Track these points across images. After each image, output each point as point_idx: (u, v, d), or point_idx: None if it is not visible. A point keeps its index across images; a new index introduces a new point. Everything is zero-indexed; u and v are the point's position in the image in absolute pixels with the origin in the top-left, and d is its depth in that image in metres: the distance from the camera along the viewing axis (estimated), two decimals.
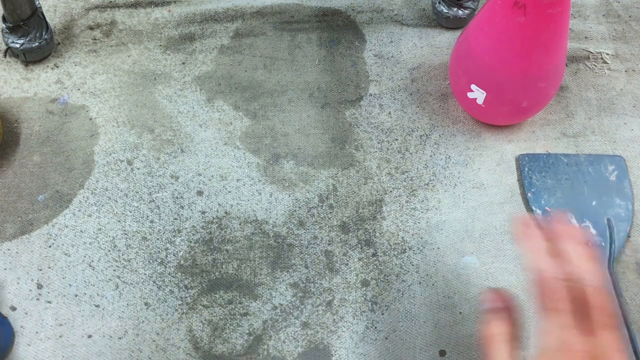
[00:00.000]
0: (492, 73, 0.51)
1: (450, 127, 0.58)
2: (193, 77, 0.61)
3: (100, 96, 0.59)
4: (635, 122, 0.59)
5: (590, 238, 0.51)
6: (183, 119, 0.58)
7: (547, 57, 0.49)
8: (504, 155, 0.57)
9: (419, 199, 0.54)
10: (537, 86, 0.51)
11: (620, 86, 0.61)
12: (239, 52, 0.63)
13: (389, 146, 0.57)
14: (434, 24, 0.65)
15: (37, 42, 0.59)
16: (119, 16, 0.65)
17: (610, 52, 0.63)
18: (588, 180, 0.54)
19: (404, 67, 0.62)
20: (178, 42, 0.63)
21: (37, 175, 0.55)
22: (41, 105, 0.59)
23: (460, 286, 0.50)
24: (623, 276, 0.50)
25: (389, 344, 0.48)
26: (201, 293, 0.49)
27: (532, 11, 0.45)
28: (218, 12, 0.65)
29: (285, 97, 0.60)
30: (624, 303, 0.48)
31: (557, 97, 0.60)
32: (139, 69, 0.61)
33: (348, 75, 0.61)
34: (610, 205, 0.53)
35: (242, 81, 0.61)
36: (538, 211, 0.53)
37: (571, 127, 0.58)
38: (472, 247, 0.52)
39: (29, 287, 0.49)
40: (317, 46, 0.63)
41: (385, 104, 0.59)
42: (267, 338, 0.48)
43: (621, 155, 0.56)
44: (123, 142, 0.57)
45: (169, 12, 0.65)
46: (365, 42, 0.64)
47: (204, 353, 0.47)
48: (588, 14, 0.66)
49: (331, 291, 0.50)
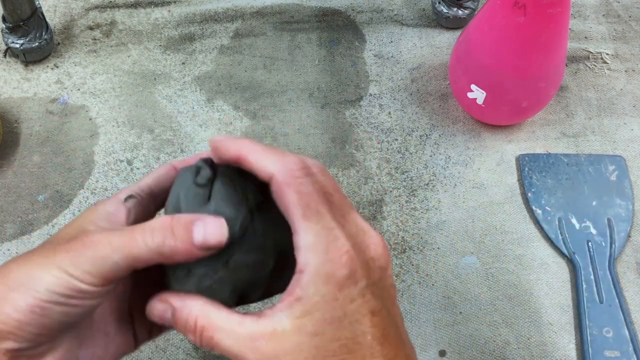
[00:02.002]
0: (492, 73, 0.51)
1: (450, 127, 0.58)
2: (193, 77, 0.61)
3: (100, 96, 0.59)
4: (635, 122, 0.59)
5: None
6: (183, 119, 0.58)
7: (547, 57, 0.49)
8: (504, 155, 0.57)
9: (419, 199, 0.54)
10: (537, 86, 0.51)
11: (620, 86, 0.61)
12: (239, 52, 0.63)
13: (389, 146, 0.57)
14: (433, 24, 0.65)
15: (37, 42, 0.59)
16: (119, 16, 0.65)
17: (610, 52, 0.63)
18: (588, 180, 0.54)
19: (404, 67, 0.62)
20: (178, 42, 0.63)
21: (37, 175, 0.55)
22: (41, 105, 0.59)
23: (460, 286, 0.50)
24: (623, 276, 0.50)
25: None
26: None
27: (532, 11, 0.45)
28: (218, 12, 0.66)
29: (285, 97, 0.60)
30: (624, 303, 0.48)
31: (557, 97, 0.60)
32: (138, 69, 0.61)
33: (348, 75, 0.61)
34: (610, 205, 0.53)
35: (242, 81, 0.61)
36: (538, 211, 0.53)
37: (571, 127, 0.58)
38: (472, 247, 0.52)
39: None
40: (317, 46, 0.63)
41: (385, 104, 0.59)
42: None
43: (621, 155, 0.56)
44: (123, 142, 0.57)
45: (169, 12, 0.65)
46: (365, 42, 0.64)
47: (204, 353, 0.47)
48: (588, 14, 0.66)
49: None
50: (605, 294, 0.49)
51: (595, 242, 0.51)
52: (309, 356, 0.28)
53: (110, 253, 0.28)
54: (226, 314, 0.29)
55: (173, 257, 0.29)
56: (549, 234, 0.52)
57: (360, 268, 0.29)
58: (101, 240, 0.28)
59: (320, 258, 0.28)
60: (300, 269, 0.29)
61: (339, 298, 0.28)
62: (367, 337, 0.28)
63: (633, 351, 0.46)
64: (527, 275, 0.50)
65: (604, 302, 0.48)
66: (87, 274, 0.28)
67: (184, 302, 0.30)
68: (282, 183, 0.29)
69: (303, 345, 0.28)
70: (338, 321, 0.28)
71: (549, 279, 0.50)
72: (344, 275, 0.28)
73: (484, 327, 0.48)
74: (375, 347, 0.29)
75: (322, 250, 0.28)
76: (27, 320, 0.27)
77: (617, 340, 0.47)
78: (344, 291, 0.28)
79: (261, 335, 0.28)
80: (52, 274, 0.28)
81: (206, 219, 0.29)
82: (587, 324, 0.47)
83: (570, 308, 0.49)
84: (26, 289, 0.27)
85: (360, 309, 0.29)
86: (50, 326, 0.28)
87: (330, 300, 0.28)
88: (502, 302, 0.49)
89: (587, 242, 0.51)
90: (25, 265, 0.28)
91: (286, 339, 0.28)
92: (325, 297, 0.28)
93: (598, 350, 0.46)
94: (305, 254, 0.28)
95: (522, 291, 0.50)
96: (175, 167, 0.34)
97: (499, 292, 0.50)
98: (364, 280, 0.29)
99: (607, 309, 0.48)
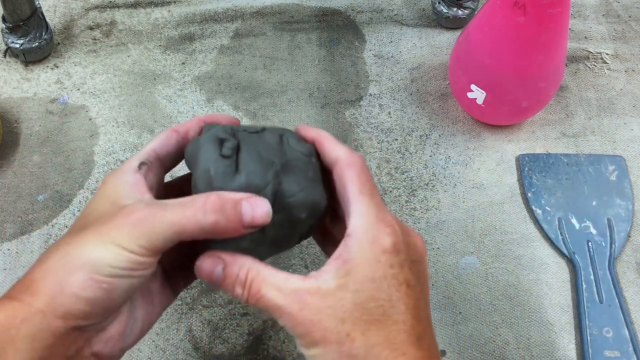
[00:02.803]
0: (492, 73, 0.51)
1: (450, 127, 0.58)
2: (193, 77, 0.61)
3: (100, 96, 0.59)
4: (635, 122, 0.59)
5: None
6: (183, 119, 0.58)
7: (547, 57, 0.49)
8: (504, 155, 0.57)
9: (418, 199, 0.54)
10: (537, 86, 0.51)
11: (620, 86, 0.61)
12: (239, 52, 0.63)
13: (389, 146, 0.57)
14: (433, 24, 0.65)
15: (37, 42, 0.59)
16: (119, 16, 0.65)
17: (610, 52, 0.63)
18: (588, 180, 0.54)
19: (404, 67, 0.62)
20: (178, 42, 0.63)
21: (37, 175, 0.55)
22: (41, 105, 0.59)
23: (460, 286, 0.50)
24: (623, 276, 0.50)
25: None
26: (201, 293, 0.49)
27: (532, 11, 0.45)
28: (218, 12, 0.66)
29: (285, 97, 0.60)
30: (623, 303, 0.48)
31: (557, 97, 0.60)
32: (138, 69, 0.61)
33: (348, 75, 0.61)
34: (610, 205, 0.53)
35: (242, 81, 0.61)
36: (538, 211, 0.53)
37: (571, 127, 0.58)
38: (472, 247, 0.52)
39: None
40: (317, 46, 0.63)
41: (385, 104, 0.59)
42: (267, 338, 0.48)
43: (621, 155, 0.56)
44: (123, 142, 0.57)
45: (169, 12, 0.65)
46: (365, 42, 0.64)
47: (204, 353, 0.47)
48: (588, 14, 0.66)
49: None
50: (605, 294, 0.49)
51: (595, 242, 0.51)
52: (347, 311, 0.30)
53: (164, 229, 0.30)
54: (274, 271, 0.32)
55: (221, 234, 0.31)
56: (549, 234, 0.52)
57: (402, 243, 0.32)
58: (153, 215, 0.30)
59: (369, 224, 0.32)
60: (348, 233, 0.32)
61: (381, 260, 0.31)
62: (401, 305, 0.31)
63: (633, 351, 0.46)
64: (527, 276, 0.50)
65: (603, 302, 0.48)
66: (144, 248, 0.30)
67: (234, 257, 0.32)
68: (346, 164, 0.34)
69: (344, 301, 0.30)
70: (378, 281, 0.31)
71: (549, 279, 0.50)
72: (388, 242, 0.32)
73: (483, 327, 0.48)
74: (407, 318, 0.31)
75: (371, 219, 0.32)
76: (94, 297, 0.30)
77: (617, 340, 0.47)
78: (386, 255, 0.32)
79: (306, 290, 0.31)
80: (111, 251, 0.30)
81: (252, 199, 0.32)
82: (587, 324, 0.47)
83: (570, 308, 0.49)
84: (90, 269, 0.29)
85: (398, 276, 0.32)
86: (116, 300, 0.31)
87: (373, 261, 0.31)
88: (502, 302, 0.49)
89: (587, 242, 0.51)
90: (83, 246, 0.30)
91: (329, 295, 0.31)
92: (369, 258, 0.31)
93: (598, 350, 0.46)
94: (355, 219, 0.32)
95: (522, 291, 0.50)
96: (177, 130, 0.37)
97: (499, 292, 0.50)
98: (404, 254, 0.32)
99: (607, 309, 0.48)
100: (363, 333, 0.30)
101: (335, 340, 0.30)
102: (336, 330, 0.30)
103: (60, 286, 0.29)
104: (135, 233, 0.30)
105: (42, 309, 0.29)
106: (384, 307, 0.31)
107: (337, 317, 0.30)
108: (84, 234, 0.31)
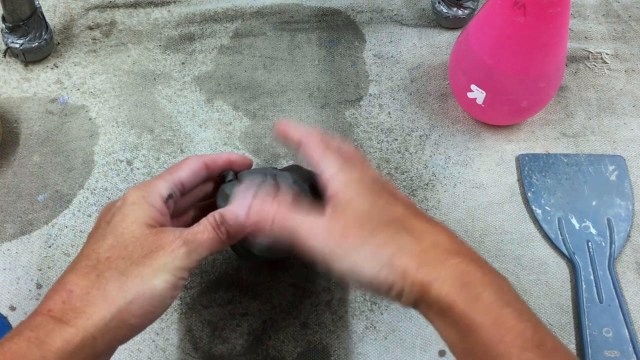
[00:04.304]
0: (492, 73, 0.51)
1: (450, 127, 0.58)
2: (193, 77, 0.61)
3: (100, 96, 0.59)
4: (635, 122, 0.59)
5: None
6: (183, 119, 0.58)
7: (547, 57, 0.49)
8: (504, 155, 0.57)
9: (418, 199, 0.54)
10: (537, 86, 0.51)
11: (620, 86, 0.61)
12: (239, 52, 0.63)
13: (389, 146, 0.57)
14: (433, 24, 0.65)
15: (37, 42, 0.59)
16: (119, 16, 0.65)
17: (610, 52, 0.63)
18: (588, 180, 0.54)
19: (404, 67, 0.62)
20: (178, 42, 0.63)
21: (37, 175, 0.55)
22: (41, 105, 0.59)
23: None
24: (623, 276, 0.50)
25: (389, 344, 0.48)
26: (201, 293, 0.49)
27: (532, 11, 0.45)
28: (218, 12, 0.66)
29: (285, 97, 0.60)
30: (623, 303, 0.48)
31: (557, 97, 0.60)
32: (138, 69, 0.61)
33: (348, 75, 0.61)
34: (610, 205, 0.53)
35: (242, 81, 0.61)
36: (538, 211, 0.53)
37: (571, 127, 0.58)
38: (472, 247, 0.52)
39: (28, 287, 0.49)
40: (316, 46, 0.63)
41: (384, 104, 0.59)
42: (267, 338, 0.48)
43: (621, 155, 0.56)
44: (123, 142, 0.57)
45: (169, 12, 0.65)
46: (365, 42, 0.64)
47: (204, 353, 0.47)
48: (588, 14, 0.66)
49: (330, 291, 0.50)
50: (605, 294, 0.49)
51: (595, 242, 0.51)
52: (362, 193, 0.37)
53: (200, 250, 0.37)
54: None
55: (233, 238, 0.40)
56: (549, 234, 0.52)
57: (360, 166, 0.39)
58: (189, 239, 0.37)
59: (338, 171, 0.38)
60: (330, 195, 0.37)
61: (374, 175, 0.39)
62: (403, 196, 0.39)
63: (633, 351, 0.46)
64: (527, 276, 0.50)
65: (603, 302, 0.48)
66: (185, 269, 0.37)
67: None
68: (307, 141, 0.40)
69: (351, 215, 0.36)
70: (378, 177, 0.39)
71: (549, 279, 0.50)
72: (371, 175, 0.39)
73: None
74: (410, 204, 0.38)
75: (348, 171, 0.38)
76: (143, 323, 0.36)
77: (617, 340, 0.47)
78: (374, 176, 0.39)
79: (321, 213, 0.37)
80: (162, 279, 0.35)
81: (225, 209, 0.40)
82: (587, 324, 0.47)
83: (570, 308, 0.49)
84: (145, 299, 0.35)
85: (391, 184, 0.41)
86: (158, 314, 0.36)
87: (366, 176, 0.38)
88: None
89: (587, 242, 0.51)
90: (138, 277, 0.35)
91: (342, 192, 0.37)
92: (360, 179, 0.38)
93: (598, 350, 0.46)
94: (333, 178, 0.38)
95: (522, 291, 0.50)
96: (207, 164, 0.42)
97: None
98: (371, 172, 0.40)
99: (607, 309, 0.48)
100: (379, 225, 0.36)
101: (359, 236, 0.36)
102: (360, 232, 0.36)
103: (119, 314, 0.34)
104: (186, 261, 0.36)
105: (94, 334, 0.33)
106: (392, 192, 0.38)
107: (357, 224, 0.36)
108: (128, 268, 0.35)
